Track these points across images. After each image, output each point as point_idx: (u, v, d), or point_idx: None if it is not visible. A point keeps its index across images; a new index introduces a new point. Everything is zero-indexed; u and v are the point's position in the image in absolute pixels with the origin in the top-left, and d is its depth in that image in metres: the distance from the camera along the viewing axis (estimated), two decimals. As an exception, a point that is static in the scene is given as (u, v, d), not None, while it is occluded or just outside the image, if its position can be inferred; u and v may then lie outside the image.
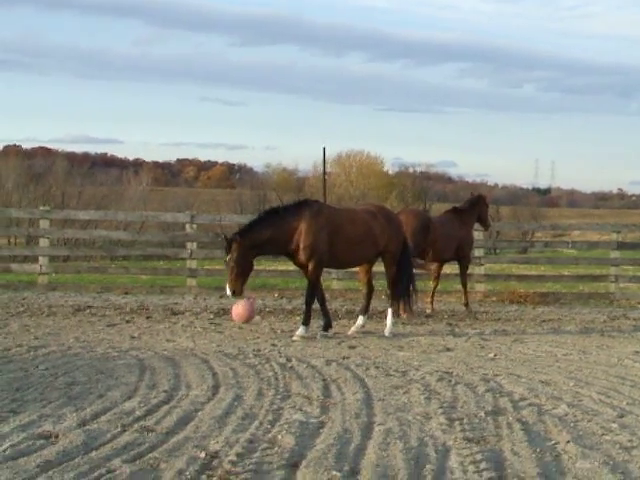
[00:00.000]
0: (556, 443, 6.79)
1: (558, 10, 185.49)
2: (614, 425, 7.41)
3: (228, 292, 12.14)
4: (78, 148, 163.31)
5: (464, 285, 16.39)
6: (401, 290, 13.46)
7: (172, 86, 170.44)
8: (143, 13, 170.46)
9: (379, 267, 13.85)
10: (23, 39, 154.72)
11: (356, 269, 14.35)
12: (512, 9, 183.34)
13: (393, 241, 13.16)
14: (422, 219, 15.71)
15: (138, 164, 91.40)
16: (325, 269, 13.33)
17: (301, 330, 12.46)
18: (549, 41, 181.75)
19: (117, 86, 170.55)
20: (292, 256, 12.49)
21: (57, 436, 6.62)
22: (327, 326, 12.74)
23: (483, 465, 6.10)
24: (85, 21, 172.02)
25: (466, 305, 16.12)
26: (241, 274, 12.04)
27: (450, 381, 9.27)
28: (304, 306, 12.63)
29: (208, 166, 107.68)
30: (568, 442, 6.78)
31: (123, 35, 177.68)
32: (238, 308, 12.34)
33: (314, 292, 12.61)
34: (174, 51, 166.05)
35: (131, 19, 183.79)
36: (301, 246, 12.28)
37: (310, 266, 12.40)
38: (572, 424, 7.44)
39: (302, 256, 12.34)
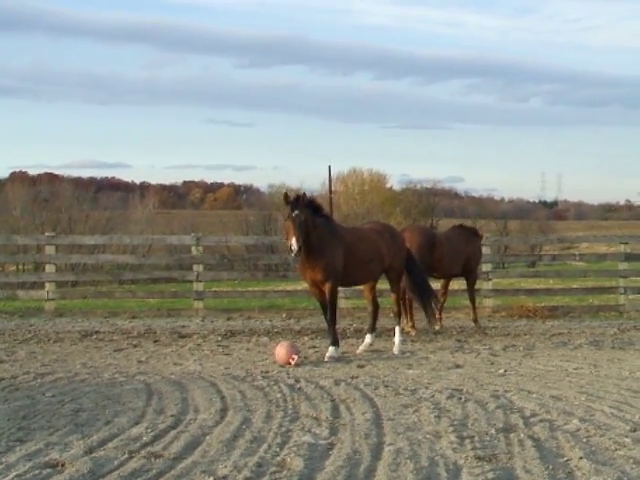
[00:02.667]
0: (569, 459, 6.71)
1: (562, 23, 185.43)
2: (627, 440, 7.33)
3: (295, 247, 11.68)
4: (86, 173, 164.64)
5: (472, 301, 16.32)
6: (424, 302, 13.71)
7: (180, 109, 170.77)
8: (151, 38, 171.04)
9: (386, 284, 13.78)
10: (32, 67, 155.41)
11: (361, 287, 14.30)
12: (517, 24, 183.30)
13: (397, 259, 13.21)
14: (427, 235, 15.71)
15: (144, 187, 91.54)
16: None
17: (331, 351, 12.37)
18: (555, 54, 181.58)
19: (126, 110, 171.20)
20: (311, 269, 12.35)
21: (64, 464, 6.56)
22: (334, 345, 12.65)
23: (495, 484, 6.03)
24: (94, 47, 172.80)
25: (475, 321, 16.04)
26: (303, 230, 11.77)
27: (460, 398, 9.20)
28: (328, 327, 12.54)
29: (214, 188, 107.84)
30: (581, 458, 6.70)
31: (132, 60, 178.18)
32: (281, 350, 12.02)
33: (334, 311, 12.53)
34: (182, 74, 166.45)
35: (140, 44, 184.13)
36: (322, 264, 12.22)
37: (328, 285, 12.31)
38: (584, 439, 7.36)
39: (320, 275, 12.24)
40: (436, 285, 16.14)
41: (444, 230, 17.04)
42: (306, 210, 11.94)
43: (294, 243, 11.68)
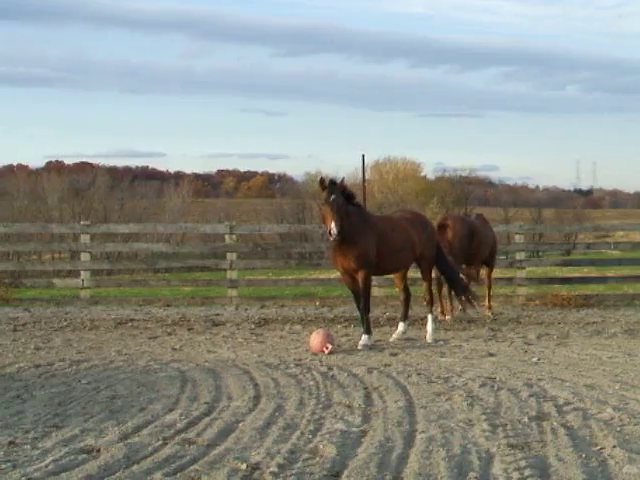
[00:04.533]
0: (602, 448, 6.68)
1: (598, 10, 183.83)
2: (661, 428, 7.28)
3: (334, 231, 11.68)
4: (122, 162, 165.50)
5: (490, 288, 16.40)
6: (459, 291, 13.92)
7: (215, 98, 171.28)
8: (187, 27, 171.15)
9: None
10: (70, 57, 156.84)
11: (391, 276, 14.32)
12: (551, 11, 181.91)
13: (428, 247, 13.22)
14: (468, 224, 15.86)
15: (179, 176, 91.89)
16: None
17: (364, 339, 12.38)
18: (591, 41, 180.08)
19: (161, 100, 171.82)
20: (343, 257, 12.35)
21: (99, 450, 6.63)
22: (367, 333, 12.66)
23: (527, 472, 6.02)
24: (131, 37, 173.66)
25: (489, 308, 16.05)
26: (342, 213, 11.84)
27: (493, 386, 9.18)
28: (361, 316, 12.56)
29: (248, 176, 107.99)
30: (614, 447, 6.67)
31: (168, 49, 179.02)
32: (316, 339, 12.02)
33: (368, 300, 12.54)
34: (217, 64, 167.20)
35: (176, 33, 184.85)
36: (354, 251, 12.24)
37: (361, 274, 12.32)
38: (618, 428, 7.32)
39: (355, 262, 12.26)
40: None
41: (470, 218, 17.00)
42: (341, 196, 11.98)
43: (334, 227, 11.70)
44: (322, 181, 12.15)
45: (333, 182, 12.02)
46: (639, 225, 29.59)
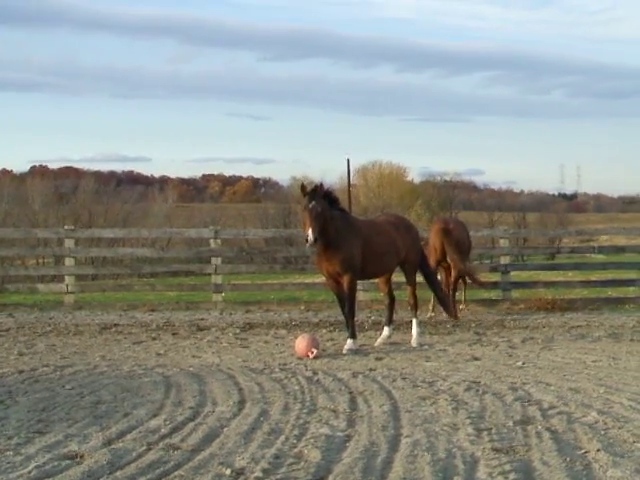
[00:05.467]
0: (586, 452, 6.69)
1: (583, 15, 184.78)
2: (645, 432, 7.30)
3: (311, 237, 11.67)
4: (108, 166, 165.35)
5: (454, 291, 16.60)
6: (441, 295, 14.13)
7: (202, 103, 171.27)
8: (175, 32, 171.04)
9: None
10: (57, 61, 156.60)
11: (376, 280, 14.34)
12: (537, 16, 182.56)
13: (412, 251, 13.24)
14: (465, 226, 16.31)
15: (164, 181, 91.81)
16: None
17: (349, 343, 12.37)
18: (577, 47, 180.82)
19: (149, 104, 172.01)
20: (328, 262, 12.36)
21: (82, 456, 6.60)
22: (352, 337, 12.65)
23: (512, 476, 6.03)
24: (119, 42, 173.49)
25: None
26: (320, 221, 11.79)
27: (478, 391, 9.19)
28: (346, 320, 12.54)
29: (233, 181, 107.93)
30: (599, 450, 6.68)
31: (156, 54, 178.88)
32: (301, 343, 11.98)
33: (353, 304, 12.54)
34: (205, 68, 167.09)
35: (164, 38, 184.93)
36: (339, 255, 12.22)
37: (346, 278, 12.32)
38: (602, 432, 7.33)
39: (338, 267, 12.25)
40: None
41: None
42: (323, 202, 11.96)
43: (310, 234, 11.67)
44: (303, 187, 12.15)
45: (314, 188, 11.99)
46: (623, 229, 29.65)
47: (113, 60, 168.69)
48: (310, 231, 11.68)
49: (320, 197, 11.93)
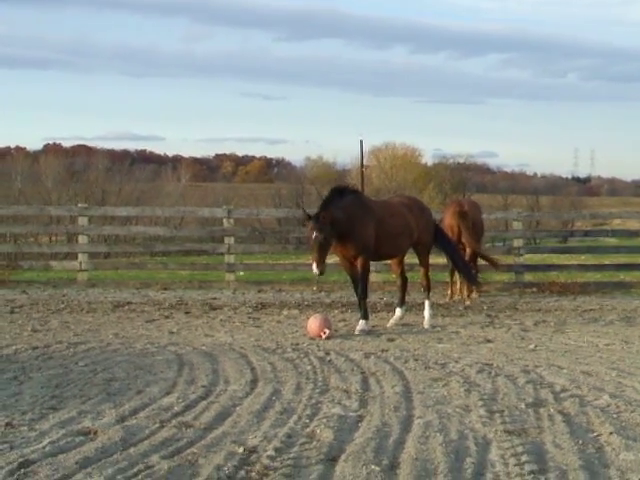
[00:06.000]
0: (599, 435, 6.69)
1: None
2: (658, 416, 7.29)
3: (316, 271, 11.83)
4: (121, 145, 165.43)
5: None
6: (466, 273, 14.29)
7: (215, 82, 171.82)
8: (190, 10, 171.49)
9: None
10: (71, 39, 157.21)
11: (388, 261, 14.36)
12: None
13: (426, 233, 13.26)
14: (480, 209, 16.52)
15: (177, 160, 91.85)
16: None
17: (361, 324, 12.39)
18: (592, 29, 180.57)
19: (162, 83, 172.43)
20: (342, 246, 12.35)
21: (96, 432, 6.64)
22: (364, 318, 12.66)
23: (524, 458, 6.03)
24: (132, 20, 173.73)
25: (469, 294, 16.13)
26: (327, 250, 11.92)
27: (490, 373, 9.19)
28: (359, 302, 12.57)
29: (246, 161, 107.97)
30: (611, 433, 6.68)
31: (170, 33, 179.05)
32: (313, 323, 11.99)
33: (366, 285, 12.56)
34: (220, 47, 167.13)
35: (178, 17, 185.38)
36: (353, 237, 12.22)
37: (360, 260, 12.35)
38: (615, 415, 7.33)
39: (354, 248, 12.27)
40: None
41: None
42: (327, 228, 11.80)
43: (315, 267, 11.83)
44: (306, 214, 12.07)
45: (317, 216, 11.84)
46: (636, 213, 29.50)
47: (126, 39, 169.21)
48: (315, 265, 11.81)
49: (324, 223, 11.79)
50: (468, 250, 15.81)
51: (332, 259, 13.60)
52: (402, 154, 71.07)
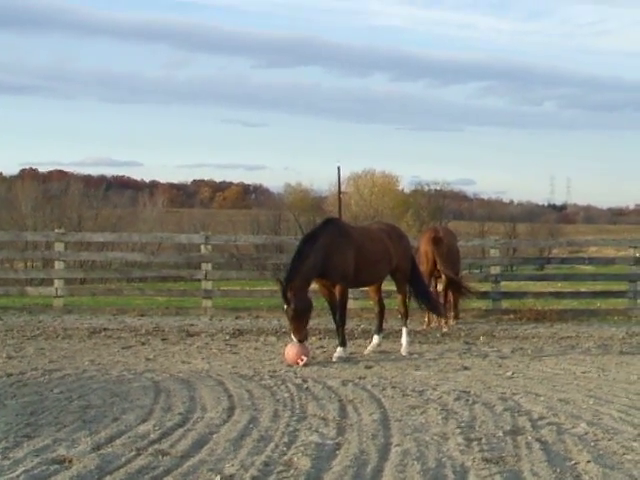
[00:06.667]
0: (576, 463, 6.69)
1: (576, 27, 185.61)
2: (635, 444, 7.30)
3: (295, 339, 11.94)
4: (99, 170, 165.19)
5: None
6: (428, 304, 13.87)
7: (195, 108, 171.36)
8: (170, 37, 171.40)
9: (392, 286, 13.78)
10: (50, 65, 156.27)
11: (366, 288, 14.37)
12: (530, 27, 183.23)
13: (403, 260, 13.27)
14: (455, 236, 16.55)
15: (154, 186, 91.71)
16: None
17: (339, 351, 12.38)
18: (569, 58, 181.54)
19: (142, 109, 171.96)
20: (322, 276, 12.36)
21: (71, 461, 6.57)
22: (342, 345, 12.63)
23: (502, 486, 6.01)
24: (112, 46, 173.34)
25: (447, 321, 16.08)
26: (303, 319, 11.94)
27: (468, 400, 9.18)
28: (337, 328, 12.55)
29: (223, 187, 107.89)
30: (589, 462, 6.68)
31: (149, 59, 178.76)
32: (291, 350, 11.96)
33: (344, 312, 12.57)
34: (199, 74, 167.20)
35: (157, 43, 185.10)
36: (332, 266, 12.21)
37: (339, 287, 12.37)
38: (592, 443, 7.34)
39: (333, 276, 12.28)
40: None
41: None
42: (301, 295, 11.86)
43: (293, 336, 11.98)
44: (279, 283, 12.06)
45: (284, 288, 11.83)
46: (612, 240, 29.69)
47: (107, 64, 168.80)
48: (293, 334, 11.99)
49: (295, 289, 11.82)
50: (444, 277, 15.84)
51: (310, 286, 13.54)
52: (381, 181, 71.28)
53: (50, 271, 20.47)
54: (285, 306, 11.92)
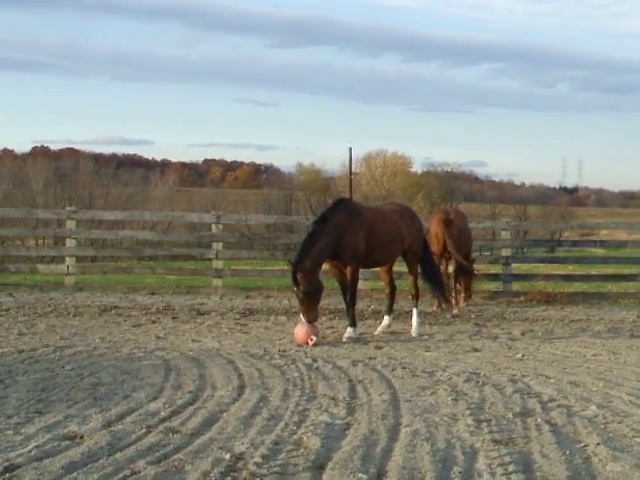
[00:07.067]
0: (586, 445, 6.68)
1: (591, 9, 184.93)
2: (645, 427, 7.29)
3: (303, 319, 11.96)
4: (110, 149, 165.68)
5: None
6: (436, 286, 13.85)
7: (208, 87, 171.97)
8: (183, 16, 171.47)
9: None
10: (64, 43, 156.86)
11: (377, 269, 14.37)
12: (544, 8, 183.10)
13: (415, 240, 13.26)
14: (466, 218, 16.61)
15: (165, 165, 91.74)
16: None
17: (349, 332, 12.39)
18: (583, 40, 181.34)
19: (154, 88, 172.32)
20: (333, 257, 12.37)
21: (82, 437, 6.60)
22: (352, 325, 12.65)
23: (511, 467, 6.01)
24: (126, 25, 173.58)
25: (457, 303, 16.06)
26: (313, 301, 11.94)
27: (478, 382, 9.18)
28: (347, 309, 12.58)
29: (234, 166, 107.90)
30: (598, 444, 6.67)
31: (163, 38, 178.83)
32: (300, 330, 11.95)
33: (355, 293, 12.59)
34: (212, 53, 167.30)
35: (171, 22, 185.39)
36: (343, 246, 12.20)
37: (350, 268, 12.37)
38: (602, 426, 7.33)
39: (344, 257, 12.28)
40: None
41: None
42: (307, 279, 11.81)
43: (302, 317, 12.01)
44: (290, 266, 12.11)
45: (295, 270, 11.86)
46: (624, 224, 29.62)
47: (119, 43, 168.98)
48: (302, 316, 12.00)
49: (305, 271, 11.82)
50: (454, 259, 15.83)
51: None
52: (393, 162, 71.14)
53: (61, 249, 20.54)
54: (295, 288, 11.91)
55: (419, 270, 13.68)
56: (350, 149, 33.73)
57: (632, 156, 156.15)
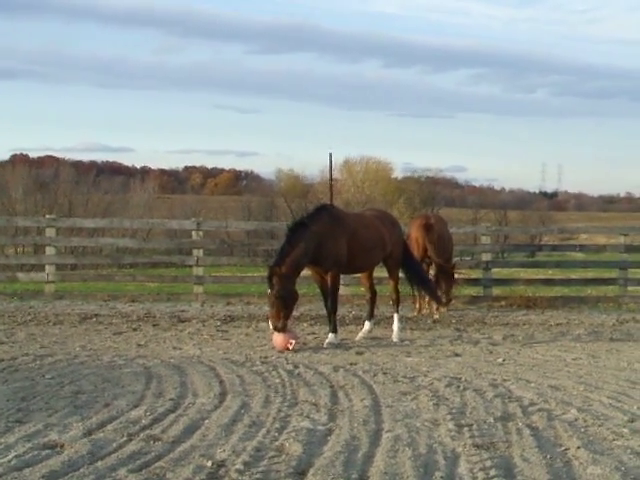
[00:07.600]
0: (566, 449, 6.72)
1: (568, 14, 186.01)
2: (625, 430, 7.34)
3: (271, 325, 11.90)
4: (90, 156, 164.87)
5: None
6: (427, 289, 14.16)
7: (188, 94, 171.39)
8: (163, 22, 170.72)
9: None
10: (42, 50, 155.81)
11: (358, 275, 14.40)
12: (523, 14, 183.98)
13: (396, 246, 13.31)
14: (446, 223, 16.63)
15: (145, 172, 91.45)
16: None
17: (331, 337, 12.40)
18: (562, 46, 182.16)
19: (134, 95, 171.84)
20: (314, 263, 12.36)
21: (62, 446, 6.57)
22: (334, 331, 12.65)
23: (493, 472, 6.04)
24: (105, 32, 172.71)
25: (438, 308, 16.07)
26: (283, 307, 11.78)
27: (459, 387, 9.20)
28: (328, 315, 12.58)
29: (215, 173, 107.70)
30: (579, 448, 6.70)
31: (142, 45, 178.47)
32: (278, 337, 11.87)
33: (336, 299, 12.57)
34: (192, 59, 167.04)
35: (150, 29, 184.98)
36: (325, 253, 12.20)
37: (331, 274, 12.36)
38: (582, 429, 7.36)
39: (326, 263, 12.27)
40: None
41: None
42: (282, 283, 11.73)
43: (271, 323, 11.91)
44: (267, 267, 12.14)
45: (270, 273, 11.84)
46: (604, 228, 29.77)
47: (98, 50, 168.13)
48: (271, 321, 11.92)
49: (280, 276, 11.76)
50: (434, 264, 15.86)
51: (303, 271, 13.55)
52: (374, 168, 71.21)
53: (41, 257, 20.41)
54: (269, 290, 11.89)
55: (408, 276, 13.74)
56: (330, 155, 33.76)
57: (611, 161, 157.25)
